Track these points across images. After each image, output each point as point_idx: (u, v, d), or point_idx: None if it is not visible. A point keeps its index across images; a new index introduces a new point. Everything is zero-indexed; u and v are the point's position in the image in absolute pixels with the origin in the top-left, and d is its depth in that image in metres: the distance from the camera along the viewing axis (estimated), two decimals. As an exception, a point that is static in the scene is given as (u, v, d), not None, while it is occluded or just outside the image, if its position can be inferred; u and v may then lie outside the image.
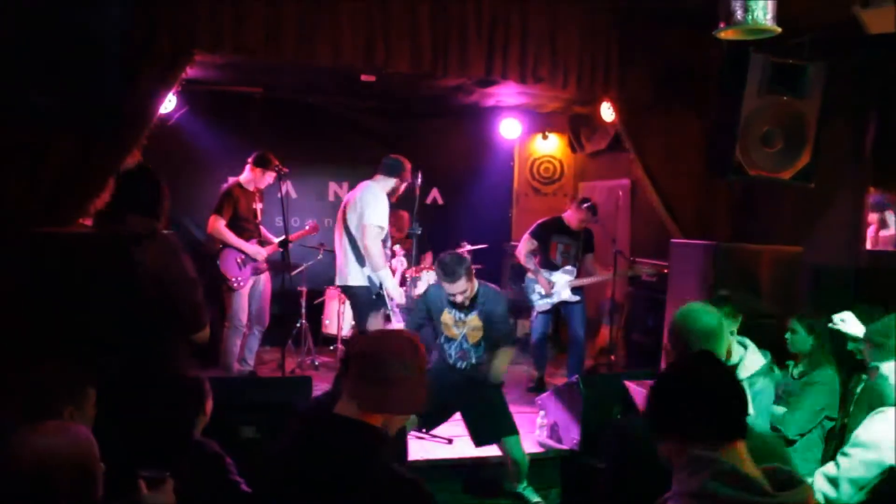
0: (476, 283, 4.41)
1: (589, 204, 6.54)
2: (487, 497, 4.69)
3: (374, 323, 6.42)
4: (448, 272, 4.21)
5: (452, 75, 5.08)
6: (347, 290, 5.42)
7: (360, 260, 5.20)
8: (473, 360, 4.45)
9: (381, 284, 5.21)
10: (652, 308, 6.47)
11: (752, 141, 4.67)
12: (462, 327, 4.41)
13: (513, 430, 4.45)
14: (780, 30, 3.51)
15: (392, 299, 5.23)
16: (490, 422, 4.44)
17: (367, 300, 5.26)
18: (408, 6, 4.87)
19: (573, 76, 5.25)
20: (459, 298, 4.30)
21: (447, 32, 4.95)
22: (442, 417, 4.56)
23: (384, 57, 4.83)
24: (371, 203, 5.16)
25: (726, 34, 3.63)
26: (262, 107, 7.49)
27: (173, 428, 3.17)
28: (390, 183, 5.36)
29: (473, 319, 4.38)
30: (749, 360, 3.82)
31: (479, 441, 4.50)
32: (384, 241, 5.25)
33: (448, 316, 4.43)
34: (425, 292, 4.60)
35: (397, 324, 5.50)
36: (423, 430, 4.75)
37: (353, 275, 5.26)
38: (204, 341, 3.48)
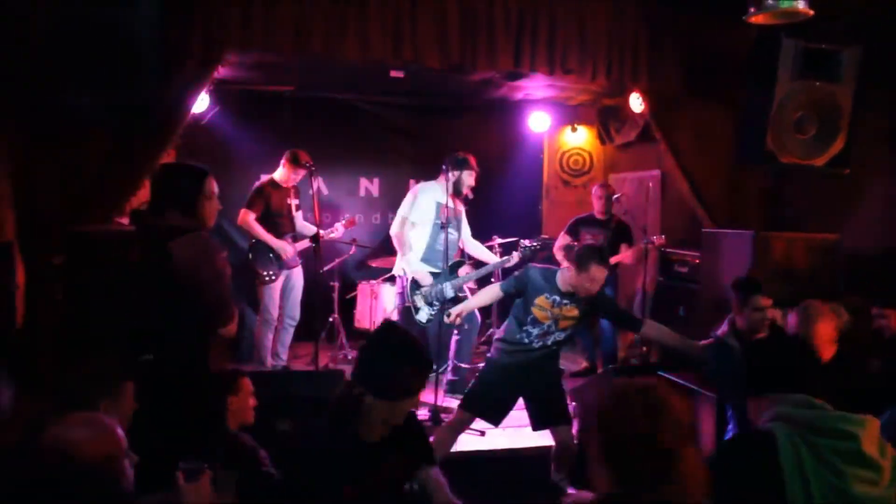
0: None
1: (598, 185, 6.74)
2: (528, 489, 4.68)
3: (394, 312, 6.52)
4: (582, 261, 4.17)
5: (481, 69, 5.09)
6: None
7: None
8: (550, 342, 4.35)
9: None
10: (682, 298, 6.43)
11: (784, 128, 4.61)
12: (555, 315, 4.30)
13: (569, 418, 4.47)
14: (812, 13, 3.48)
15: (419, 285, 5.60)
16: (552, 407, 4.43)
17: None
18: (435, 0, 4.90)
19: (602, 67, 5.23)
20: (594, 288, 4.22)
21: (475, 26, 4.96)
22: (510, 408, 4.52)
23: (412, 51, 4.86)
24: (407, 197, 5.76)
25: (756, 19, 3.60)
26: (293, 105, 7.56)
27: (206, 420, 3.24)
28: (449, 178, 5.63)
29: (571, 310, 4.29)
30: None
31: (538, 425, 4.48)
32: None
33: (545, 300, 4.31)
34: (526, 270, 4.54)
35: (425, 313, 5.59)
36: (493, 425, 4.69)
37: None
38: (230, 335, 3.53)
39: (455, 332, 5.91)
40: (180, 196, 3.47)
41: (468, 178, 5.65)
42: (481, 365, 4.84)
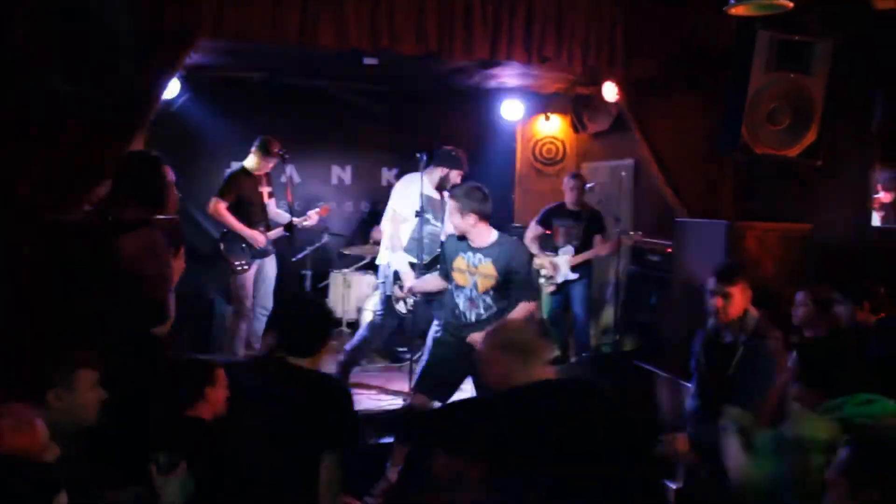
0: (492, 231, 4.40)
1: (570, 174, 6.80)
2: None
3: (372, 301, 6.50)
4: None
5: (458, 57, 5.04)
6: None
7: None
8: (482, 311, 4.36)
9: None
10: (654, 287, 6.50)
11: (758, 118, 4.66)
12: (474, 274, 4.33)
13: None
14: (791, 5, 3.50)
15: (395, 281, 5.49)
16: None
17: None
18: (413, -13, 4.85)
19: (578, 56, 5.21)
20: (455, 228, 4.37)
21: (452, 14, 4.90)
22: (456, 386, 4.54)
23: (389, 39, 4.79)
24: (396, 190, 5.70)
25: (737, 10, 3.62)
26: (264, 92, 7.46)
27: (177, 411, 3.20)
28: (437, 172, 5.62)
29: (486, 266, 4.30)
30: None
31: None
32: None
33: (461, 261, 4.36)
34: (444, 241, 4.61)
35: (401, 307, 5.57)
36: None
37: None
38: (160, 334, 3.56)
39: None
40: (142, 185, 3.49)
41: (455, 177, 5.62)
42: None
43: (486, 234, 4.35)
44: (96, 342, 3.24)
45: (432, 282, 4.75)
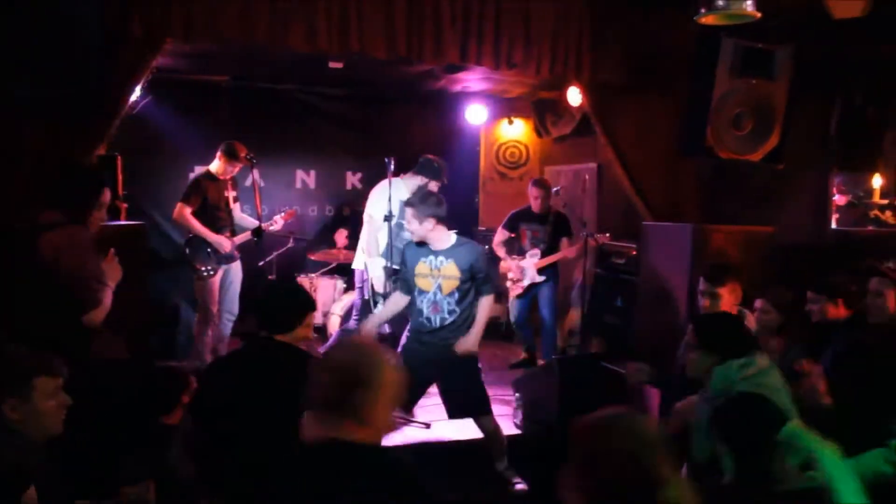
0: (451, 233, 4.44)
1: (533, 181, 6.80)
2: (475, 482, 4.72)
3: (344, 304, 6.48)
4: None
5: (427, 61, 5.07)
6: None
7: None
8: (446, 315, 4.38)
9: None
10: (620, 289, 6.58)
11: (722, 123, 4.76)
12: (437, 277, 4.37)
13: (488, 407, 4.50)
14: (759, 15, 3.59)
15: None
16: (466, 395, 4.46)
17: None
18: (383, -8, 4.86)
19: (546, 62, 5.27)
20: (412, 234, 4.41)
21: (421, 18, 4.92)
22: (420, 393, 4.55)
23: (359, 43, 4.80)
24: (373, 195, 5.61)
25: (706, 19, 3.70)
26: (228, 95, 7.40)
27: (149, 418, 3.18)
28: (415, 180, 5.58)
29: (449, 267, 4.34)
30: None
31: (453, 413, 4.53)
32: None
33: (423, 266, 4.39)
34: (404, 248, 4.63)
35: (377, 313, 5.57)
36: (404, 411, 4.77)
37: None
38: (94, 324, 3.56)
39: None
40: (73, 199, 3.54)
41: (433, 188, 5.60)
42: None
43: (444, 237, 4.40)
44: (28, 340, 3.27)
45: (390, 308, 4.75)
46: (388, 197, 5.37)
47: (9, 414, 2.56)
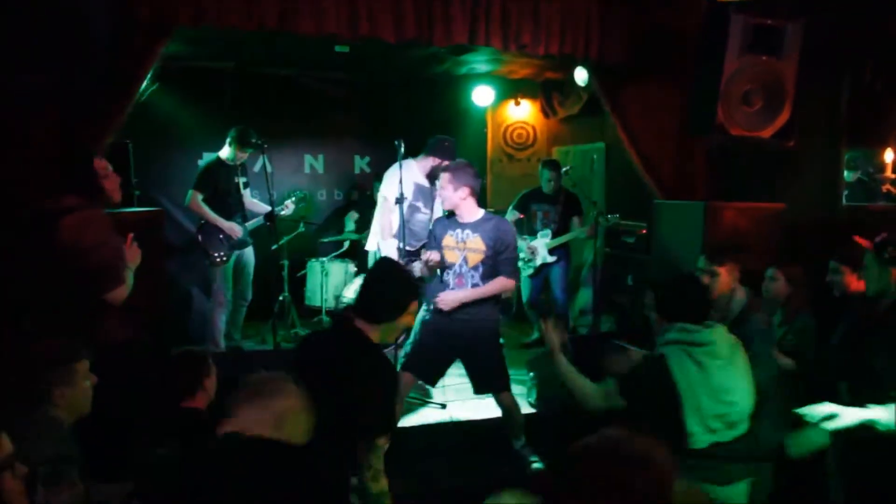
0: (480, 209, 4.50)
1: (543, 161, 6.88)
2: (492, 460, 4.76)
3: (356, 288, 6.50)
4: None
5: (437, 43, 5.05)
6: None
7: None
8: (469, 287, 4.41)
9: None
10: (630, 268, 6.61)
11: (732, 101, 4.74)
12: (462, 250, 4.40)
13: (506, 384, 4.54)
14: (770, -9, 3.57)
15: None
16: (488, 370, 4.50)
17: None
18: (391, -26, 4.84)
19: (555, 42, 5.26)
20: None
21: (430, 0, 4.93)
22: (444, 367, 4.61)
23: (368, 26, 4.80)
24: (387, 177, 5.58)
25: (718, -3, 3.68)
26: (234, 81, 7.39)
27: (177, 402, 3.20)
28: (428, 161, 5.60)
29: (475, 241, 4.37)
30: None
31: (478, 389, 4.57)
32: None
33: (450, 238, 4.43)
34: (433, 225, 4.67)
35: None
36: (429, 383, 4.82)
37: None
38: (118, 301, 3.61)
39: None
40: (82, 181, 3.59)
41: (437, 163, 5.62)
42: None
43: (474, 211, 4.44)
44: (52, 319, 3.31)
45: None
46: (400, 179, 5.38)
47: (58, 401, 2.62)
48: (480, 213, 4.47)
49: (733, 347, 3.09)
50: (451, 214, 4.49)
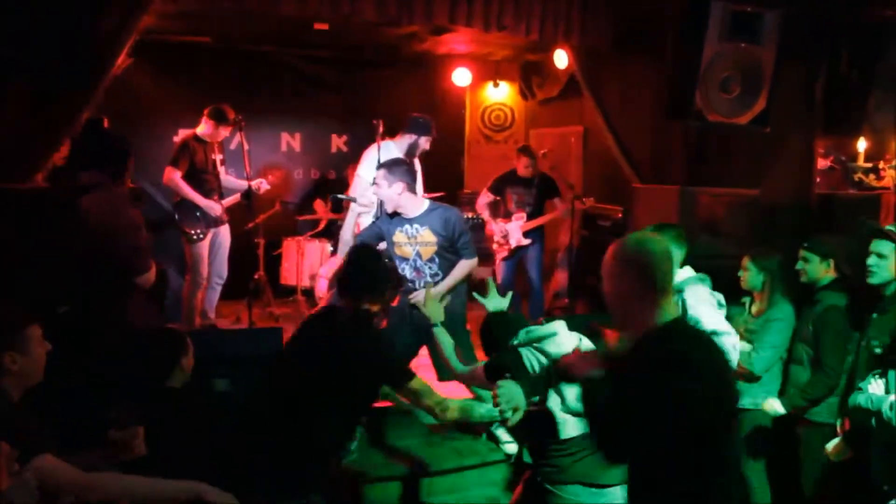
0: (424, 200, 4.55)
1: (519, 149, 6.88)
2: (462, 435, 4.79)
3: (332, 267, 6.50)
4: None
5: (418, 22, 5.04)
6: None
7: None
8: (429, 278, 4.47)
9: None
10: (605, 251, 6.63)
11: (711, 87, 4.79)
12: (414, 244, 4.45)
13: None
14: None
15: None
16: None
17: None
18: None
19: (536, 23, 5.27)
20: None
21: (412, -21, 4.91)
22: (410, 355, 4.59)
23: (349, 5, 4.77)
24: (366, 158, 5.44)
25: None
26: (211, 57, 7.30)
27: (147, 378, 3.18)
28: (405, 139, 5.47)
29: (425, 234, 4.43)
30: None
31: (441, 376, 4.60)
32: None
33: (400, 235, 4.48)
34: (378, 219, 4.67)
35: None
36: None
37: None
38: (147, 285, 3.61)
39: None
40: (101, 152, 3.51)
41: (424, 143, 5.56)
42: None
43: (417, 203, 4.49)
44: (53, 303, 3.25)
45: None
46: (378, 160, 5.36)
47: (9, 367, 2.53)
48: (424, 204, 4.51)
49: None
50: (394, 213, 4.50)
